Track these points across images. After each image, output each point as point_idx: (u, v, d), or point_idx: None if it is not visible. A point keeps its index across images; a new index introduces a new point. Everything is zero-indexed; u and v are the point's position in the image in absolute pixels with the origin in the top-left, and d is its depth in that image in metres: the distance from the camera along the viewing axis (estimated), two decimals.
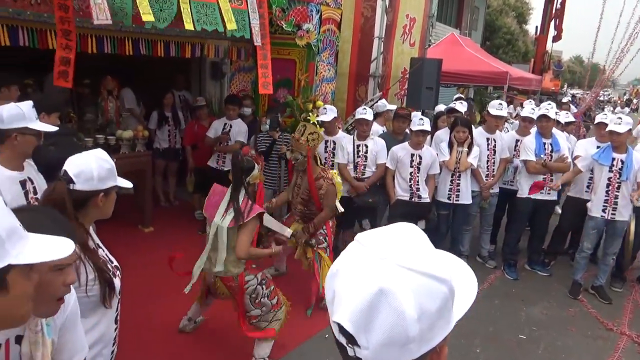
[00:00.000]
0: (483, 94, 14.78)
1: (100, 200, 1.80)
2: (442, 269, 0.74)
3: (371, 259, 0.73)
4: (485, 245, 5.67)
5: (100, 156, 1.82)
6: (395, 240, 0.76)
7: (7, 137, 2.48)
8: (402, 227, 0.81)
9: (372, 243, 0.76)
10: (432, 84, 6.74)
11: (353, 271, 0.74)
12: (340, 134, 5.11)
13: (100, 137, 5.28)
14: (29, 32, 3.95)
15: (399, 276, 0.71)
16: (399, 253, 0.73)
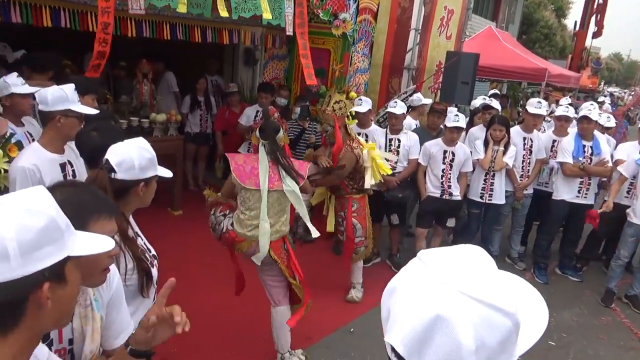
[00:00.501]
0: (517, 89, 14.42)
1: (141, 189, 1.80)
2: (508, 301, 0.69)
3: (432, 281, 0.70)
4: (515, 246, 5.56)
5: (142, 146, 1.81)
6: (460, 264, 0.72)
7: (51, 119, 2.52)
8: (469, 249, 0.77)
9: (435, 264, 0.72)
10: (468, 78, 6.58)
11: (411, 292, 0.71)
12: (373, 127, 5.04)
13: (134, 119, 5.35)
14: (71, 13, 3.99)
15: (460, 304, 0.67)
16: (463, 278, 0.69)
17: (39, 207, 0.89)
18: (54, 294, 0.90)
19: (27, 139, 3.07)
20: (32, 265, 0.86)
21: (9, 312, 0.86)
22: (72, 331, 1.33)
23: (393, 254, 5.13)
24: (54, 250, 0.89)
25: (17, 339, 0.88)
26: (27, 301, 0.87)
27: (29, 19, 3.78)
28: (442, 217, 4.89)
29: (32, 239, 0.85)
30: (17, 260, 0.84)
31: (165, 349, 3.34)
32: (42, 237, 0.87)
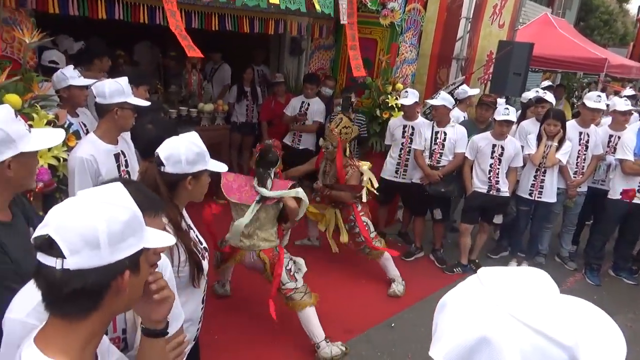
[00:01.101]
0: (571, 79, 13.75)
1: (189, 183, 1.82)
2: (566, 332, 0.64)
3: (484, 301, 0.67)
4: (566, 245, 5.34)
5: (191, 140, 1.83)
6: (518, 287, 0.69)
7: (108, 111, 2.61)
8: (532, 272, 0.73)
9: (491, 283, 0.69)
10: (521, 69, 6.31)
11: (461, 309, 0.70)
12: (419, 120, 4.94)
13: (183, 109, 5.48)
14: (124, 5, 4.09)
15: (510, 329, 0.64)
16: (517, 302, 0.66)
17: (122, 202, 0.99)
18: (130, 281, 0.99)
19: (82, 129, 3.21)
20: (117, 254, 0.95)
21: (93, 296, 0.95)
22: (125, 321, 1.38)
23: (436, 249, 5.04)
24: (135, 241, 0.98)
25: (93, 321, 0.98)
26: (108, 287, 0.96)
27: (86, 12, 3.90)
28: (489, 213, 4.76)
29: (119, 230, 0.94)
30: (106, 249, 0.93)
31: (207, 336, 3.44)
32: (127, 229, 0.96)
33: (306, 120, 5.54)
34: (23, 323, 1.13)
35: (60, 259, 0.90)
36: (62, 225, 0.91)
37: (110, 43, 5.76)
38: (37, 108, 2.84)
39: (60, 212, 0.94)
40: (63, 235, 0.90)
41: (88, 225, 0.91)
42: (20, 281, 1.42)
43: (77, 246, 0.90)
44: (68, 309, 0.95)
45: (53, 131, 1.70)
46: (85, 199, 0.97)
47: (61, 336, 0.97)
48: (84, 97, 3.26)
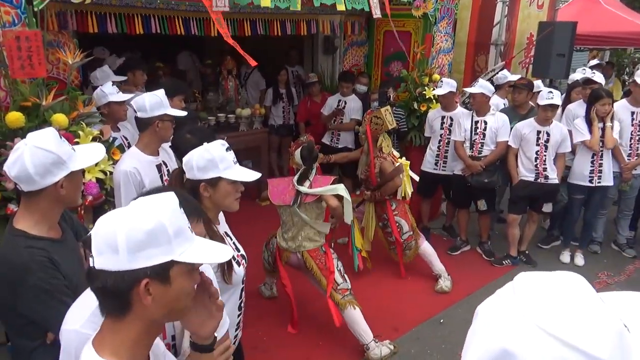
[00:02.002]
0: (621, 55, 13.02)
1: (205, 190, 1.83)
2: (598, 343, 0.59)
3: (512, 311, 0.64)
4: (623, 232, 5.07)
5: (209, 147, 1.83)
6: (548, 295, 0.64)
7: (149, 124, 2.69)
8: (567, 278, 0.67)
9: (522, 292, 0.65)
10: (565, 50, 6.05)
11: (488, 319, 0.67)
12: (458, 110, 4.82)
13: (221, 115, 5.59)
14: (160, 19, 4.21)
15: (534, 341, 0.60)
16: (545, 312, 0.61)
17: (153, 212, 1.00)
18: (156, 291, 1.00)
19: (124, 142, 3.32)
20: (137, 262, 0.97)
21: (120, 299, 1.00)
22: (174, 327, 1.42)
23: (483, 241, 4.90)
24: (158, 252, 0.99)
25: (132, 324, 1.02)
26: (131, 292, 0.99)
27: (124, 28, 4.05)
28: (537, 202, 4.59)
29: (140, 239, 0.97)
30: (125, 255, 0.96)
31: (256, 337, 3.50)
32: (149, 240, 0.97)
33: (343, 118, 5.52)
34: (78, 333, 1.19)
35: (91, 257, 0.99)
36: (97, 230, 1.00)
37: (150, 56, 5.98)
38: (83, 125, 2.96)
39: (105, 218, 1.02)
40: (95, 237, 0.99)
41: (111, 230, 0.97)
42: (73, 295, 1.49)
43: (101, 249, 0.98)
44: (104, 305, 1.03)
45: (94, 147, 1.77)
46: (127, 208, 1.03)
47: (110, 336, 1.04)
48: (123, 112, 3.37)
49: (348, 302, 3.33)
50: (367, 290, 4.08)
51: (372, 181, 4.19)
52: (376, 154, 4.15)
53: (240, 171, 1.90)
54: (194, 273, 1.09)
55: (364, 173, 4.29)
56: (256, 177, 1.93)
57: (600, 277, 4.50)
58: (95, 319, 1.12)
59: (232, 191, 1.89)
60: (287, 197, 3.38)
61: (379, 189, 4.16)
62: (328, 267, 3.36)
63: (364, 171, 4.30)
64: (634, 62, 13.16)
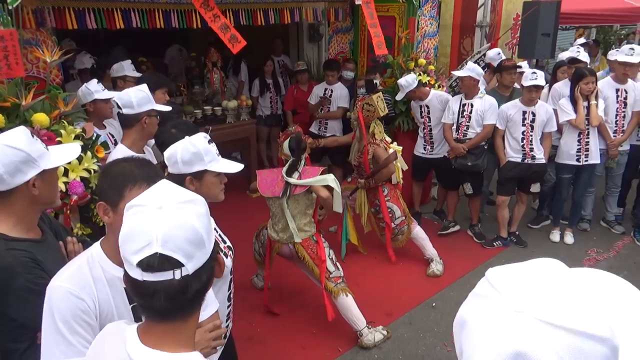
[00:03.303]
0: (608, 32, 13.03)
1: (191, 183, 1.83)
2: (599, 323, 0.59)
3: (505, 310, 0.61)
4: (611, 209, 5.12)
5: (192, 140, 1.82)
6: (535, 284, 0.63)
7: (137, 121, 2.65)
8: (542, 264, 0.67)
9: (507, 288, 0.63)
10: (549, 29, 6.02)
11: (484, 325, 0.63)
12: (431, 96, 4.75)
13: (207, 108, 5.55)
14: (140, 13, 4.15)
15: (541, 335, 0.58)
16: (540, 303, 0.60)
17: (192, 197, 1.01)
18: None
19: (110, 140, 3.29)
20: (212, 243, 1.01)
21: (206, 290, 1.02)
22: None
23: (473, 224, 4.94)
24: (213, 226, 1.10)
25: (197, 315, 1.05)
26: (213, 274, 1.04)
27: (103, 24, 3.99)
28: (525, 183, 4.62)
29: (207, 222, 1.00)
30: (208, 243, 0.99)
31: (250, 328, 3.52)
32: (209, 219, 1.02)
33: (330, 106, 5.51)
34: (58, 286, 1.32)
35: (178, 269, 0.93)
36: (166, 238, 0.92)
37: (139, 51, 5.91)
38: (65, 124, 2.93)
39: (154, 227, 0.92)
40: (173, 247, 0.92)
41: (190, 228, 0.94)
42: None
43: (190, 251, 0.94)
44: (186, 312, 1.00)
45: (69, 146, 1.75)
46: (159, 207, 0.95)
47: (177, 335, 1.00)
48: (109, 109, 3.33)
49: (341, 289, 3.35)
50: (360, 277, 4.11)
51: (365, 168, 4.19)
52: (369, 140, 4.15)
53: (224, 163, 1.91)
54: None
55: (357, 160, 4.28)
56: (240, 168, 1.93)
57: (589, 254, 4.55)
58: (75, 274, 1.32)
59: (218, 183, 1.91)
60: (276, 188, 3.37)
61: (372, 176, 4.17)
62: (319, 256, 3.37)
63: (356, 158, 4.30)
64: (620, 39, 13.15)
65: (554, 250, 4.65)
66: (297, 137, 3.43)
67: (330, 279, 3.36)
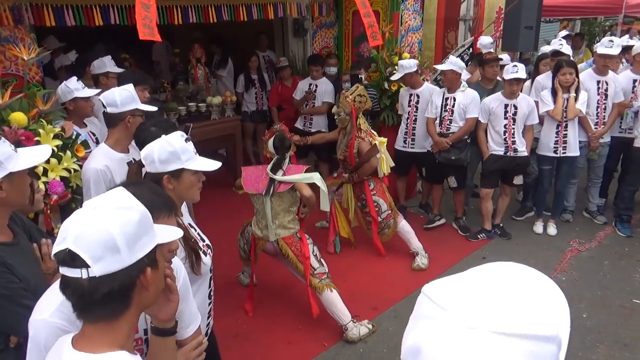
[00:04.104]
0: (592, 24, 13.13)
1: (169, 182, 1.81)
2: (546, 322, 0.60)
3: (459, 330, 0.60)
4: (593, 200, 5.19)
5: (168, 139, 1.81)
6: (479, 296, 0.62)
7: (120, 120, 2.63)
8: (478, 272, 0.67)
9: (453, 305, 0.62)
10: (532, 22, 6.05)
11: (441, 350, 0.61)
12: (424, 87, 4.81)
13: (192, 104, 5.51)
14: (119, 9, 4.11)
15: (499, 348, 0.58)
16: (490, 315, 0.60)
17: (129, 204, 1.03)
18: (152, 277, 1.05)
19: (91, 138, 3.26)
20: (136, 254, 1.00)
21: (122, 297, 1.01)
22: (145, 321, 1.42)
23: (458, 217, 4.98)
24: (149, 239, 1.04)
25: (129, 318, 1.05)
26: (135, 286, 1.02)
27: (82, 20, 3.94)
28: (508, 175, 4.66)
29: (133, 231, 0.99)
30: (126, 251, 0.98)
31: (236, 325, 3.53)
32: (140, 229, 1.01)
33: (315, 101, 5.50)
34: (47, 322, 1.19)
35: (84, 268, 0.95)
36: (79, 236, 0.95)
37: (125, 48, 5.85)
38: (43, 123, 2.90)
39: (74, 224, 0.98)
40: (82, 246, 0.95)
41: (104, 231, 0.96)
42: (32, 297, 1.48)
43: (98, 254, 0.95)
44: (102, 312, 1.01)
45: (39, 148, 1.72)
46: (93, 208, 1.01)
47: (105, 336, 1.03)
48: (89, 107, 3.29)
49: (325, 285, 3.36)
50: (345, 272, 4.13)
51: (350, 162, 4.20)
52: (357, 134, 4.15)
53: (202, 161, 1.89)
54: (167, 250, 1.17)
55: (343, 154, 4.29)
56: (217, 166, 1.90)
57: (572, 245, 4.61)
58: (64, 309, 1.15)
59: (195, 181, 1.89)
60: (260, 185, 3.37)
61: (356, 170, 4.18)
62: (303, 252, 3.38)
63: (342, 152, 4.30)
64: (605, 30, 13.27)
65: (537, 242, 4.70)
66: (280, 135, 3.43)
67: (314, 275, 3.37)
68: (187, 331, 1.55)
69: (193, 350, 1.50)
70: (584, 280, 4.01)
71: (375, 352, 3.30)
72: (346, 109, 4.14)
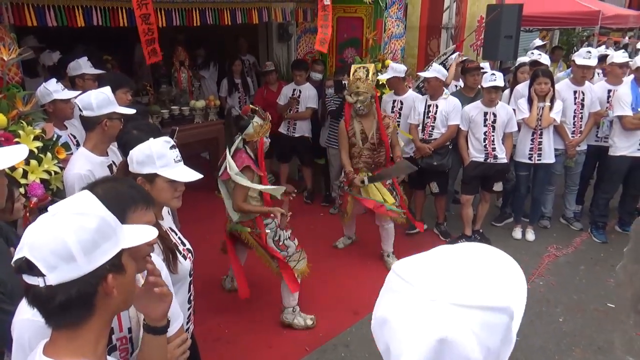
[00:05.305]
0: (571, 34, 13.44)
1: (142, 183, 1.81)
2: (500, 295, 0.67)
3: (421, 302, 0.67)
4: (570, 206, 5.31)
5: (150, 143, 1.82)
6: (442, 272, 0.69)
7: (97, 123, 2.60)
8: (441, 251, 0.74)
9: (417, 280, 0.69)
10: (512, 31, 6.20)
11: (405, 320, 0.68)
12: (409, 93, 4.90)
13: (175, 108, 5.49)
14: (102, 11, 4.08)
15: (456, 318, 0.64)
16: (450, 288, 0.66)
17: (88, 210, 1.01)
18: (117, 282, 1.02)
19: (72, 140, 3.22)
20: (95, 261, 0.97)
21: (83, 305, 0.99)
22: (129, 319, 1.42)
23: (439, 222, 5.04)
24: (110, 245, 1.01)
25: (95, 324, 1.03)
26: (96, 293, 1.00)
27: (64, 21, 3.90)
28: (488, 182, 4.74)
29: (90, 239, 0.97)
30: (82, 259, 0.95)
31: (218, 329, 3.52)
32: (98, 236, 0.98)
33: (299, 106, 5.52)
34: (30, 321, 1.17)
35: (41, 277, 0.94)
36: (34, 245, 0.94)
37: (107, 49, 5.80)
38: (23, 124, 2.86)
39: (31, 231, 0.97)
40: (37, 255, 0.93)
41: (57, 240, 0.94)
42: (10, 302, 1.46)
43: (52, 263, 0.93)
44: (64, 319, 1.00)
45: (15, 148, 1.68)
46: (53, 214, 0.99)
47: (70, 343, 1.02)
48: (69, 109, 3.24)
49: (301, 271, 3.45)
50: (330, 277, 4.15)
51: (384, 143, 4.18)
52: (383, 113, 4.18)
53: (179, 171, 1.86)
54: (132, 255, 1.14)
55: (370, 140, 4.15)
56: (196, 178, 1.88)
57: (549, 251, 4.70)
58: None
59: (169, 189, 1.86)
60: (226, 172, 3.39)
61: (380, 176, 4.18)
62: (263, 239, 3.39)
63: (373, 136, 4.14)
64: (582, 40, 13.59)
65: (516, 247, 4.79)
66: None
67: (291, 260, 3.42)
68: (171, 329, 1.55)
69: (177, 348, 1.50)
70: (561, 285, 4.10)
71: (357, 357, 3.32)
72: (371, 91, 4.08)
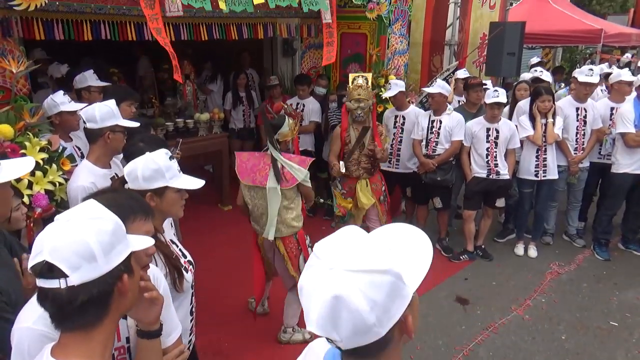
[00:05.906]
0: (574, 51, 13.54)
1: (150, 199, 1.82)
2: (381, 260, 0.84)
3: (323, 270, 0.84)
4: (572, 223, 5.29)
5: (153, 156, 1.83)
6: (342, 247, 0.86)
7: (100, 135, 2.63)
8: (346, 231, 0.90)
9: (324, 254, 0.86)
10: (515, 49, 6.28)
11: (311, 285, 0.85)
12: (410, 109, 4.93)
13: (179, 120, 5.53)
14: (110, 25, 4.14)
15: (347, 280, 0.81)
16: (345, 259, 0.84)
17: (102, 215, 1.08)
18: (129, 283, 1.09)
19: (76, 152, 3.25)
20: (113, 261, 1.04)
21: (101, 304, 1.05)
22: (127, 329, 1.43)
23: (442, 238, 5.04)
24: (123, 247, 1.08)
25: (106, 327, 1.08)
26: (113, 293, 1.06)
27: (71, 35, 3.95)
28: (491, 198, 4.75)
29: (108, 240, 1.04)
30: (102, 260, 1.02)
31: (218, 343, 3.51)
32: (114, 238, 1.05)
33: (303, 120, 5.56)
34: (30, 329, 1.20)
35: (62, 278, 0.98)
36: (55, 247, 0.98)
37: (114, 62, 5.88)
38: (30, 136, 2.90)
39: (49, 236, 1.01)
40: (59, 257, 0.98)
41: (80, 241, 0.99)
42: (12, 310, 1.47)
43: (75, 263, 0.98)
44: (81, 320, 1.04)
45: (22, 160, 1.70)
46: (66, 220, 1.03)
47: (82, 345, 1.06)
48: (75, 121, 3.28)
49: None
50: None
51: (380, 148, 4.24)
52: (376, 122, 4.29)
53: (186, 180, 1.91)
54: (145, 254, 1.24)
55: (369, 147, 4.15)
56: (201, 184, 1.92)
57: (552, 267, 4.68)
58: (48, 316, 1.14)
59: (179, 199, 1.90)
60: (258, 176, 3.10)
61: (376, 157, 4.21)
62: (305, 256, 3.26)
63: (367, 145, 4.16)
64: (585, 58, 13.69)
65: (518, 263, 4.77)
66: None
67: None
68: (169, 340, 1.56)
69: (175, 359, 1.51)
70: (563, 302, 4.08)
71: None
72: (371, 98, 4.12)
